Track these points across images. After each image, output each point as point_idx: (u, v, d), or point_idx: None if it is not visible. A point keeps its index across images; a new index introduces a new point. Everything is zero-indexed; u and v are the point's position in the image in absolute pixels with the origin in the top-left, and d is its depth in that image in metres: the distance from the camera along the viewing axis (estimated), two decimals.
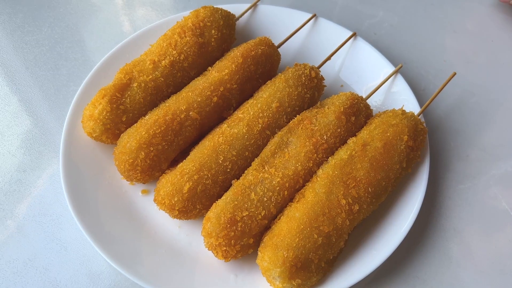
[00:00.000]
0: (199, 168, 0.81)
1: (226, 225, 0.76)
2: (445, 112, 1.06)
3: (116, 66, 1.01)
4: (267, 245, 0.75)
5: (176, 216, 0.82)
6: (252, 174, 0.81)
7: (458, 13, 1.27)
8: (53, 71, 1.10)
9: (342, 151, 0.83)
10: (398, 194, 0.87)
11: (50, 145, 0.99)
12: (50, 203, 0.91)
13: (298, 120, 0.87)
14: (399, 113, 0.87)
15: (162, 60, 0.93)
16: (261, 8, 1.13)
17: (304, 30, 1.10)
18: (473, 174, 0.96)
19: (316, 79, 0.95)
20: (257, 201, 0.78)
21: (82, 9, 1.23)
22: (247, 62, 0.94)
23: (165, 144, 0.85)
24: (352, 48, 1.07)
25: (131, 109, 0.89)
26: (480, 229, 0.90)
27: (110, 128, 0.87)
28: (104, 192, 0.88)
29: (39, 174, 0.95)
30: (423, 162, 0.89)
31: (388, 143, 0.83)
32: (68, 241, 0.87)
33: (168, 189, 0.80)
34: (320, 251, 0.75)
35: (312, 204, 0.77)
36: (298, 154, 0.83)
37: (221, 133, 0.86)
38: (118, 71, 0.93)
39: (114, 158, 0.86)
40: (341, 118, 0.86)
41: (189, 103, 0.88)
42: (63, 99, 1.05)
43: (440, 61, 1.16)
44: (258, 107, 0.89)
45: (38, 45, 1.15)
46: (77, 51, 1.14)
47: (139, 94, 0.90)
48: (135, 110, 0.90)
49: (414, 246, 0.87)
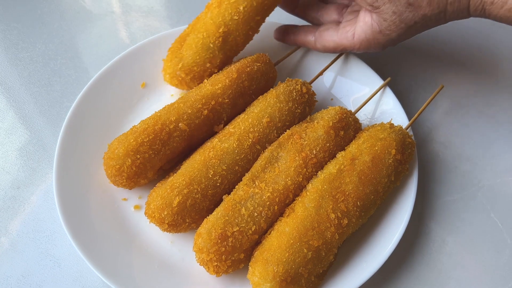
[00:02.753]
0: (189, 182, 0.82)
1: (217, 241, 0.77)
2: (434, 124, 1.07)
3: (109, 82, 1.03)
4: (258, 260, 0.76)
5: (166, 229, 0.83)
6: (242, 189, 0.82)
7: (446, 25, 1.28)
8: (47, 88, 1.12)
9: (331, 165, 0.84)
10: (387, 207, 0.88)
11: (44, 162, 1.00)
12: (44, 219, 0.92)
13: (288, 135, 0.89)
14: (387, 127, 0.89)
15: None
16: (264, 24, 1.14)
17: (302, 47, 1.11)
18: (462, 186, 0.98)
19: (307, 95, 0.96)
20: (248, 216, 0.79)
21: (76, 25, 1.25)
22: (242, 77, 0.96)
23: (152, 153, 0.86)
24: (343, 63, 1.09)
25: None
26: (468, 240, 0.91)
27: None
28: (97, 208, 0.89)
29: (33, 191, 0.96)
30: (412, 175, 0.90)
31: (376, 157, 0.84)
32: (61, 258, 0.88)
33: (158, 203, 0.81)
34: (310, 265, 0.76)
35: (301, 219, 0.78)
36: (288, 169, 0.84)
37: (212, 148, 0.87)
38: None
39: (103, 163, 0.88)
40: (330, 132, 0.88)
41: (180, 114, 0.90)
42: (57, 115, 1.07)
43: (428, 73, 1.17)
44: (249, 122, 0.90)
45: (32, 62, 1.17)
46: (71, 67, 1.15)
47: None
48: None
49: (403, 258, 0.88)
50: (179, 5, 1.32)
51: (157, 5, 1.31)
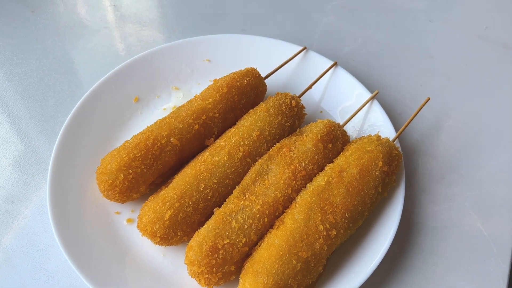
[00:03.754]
0: (180, 196, 0.84)
1: (208, 253, 0.78)
2: (421, 135, 1.10)
3: (103, 97, 1.05)
4: (248, 272, 0.78)
5: (158, 242, 0.84)
6: (233, 202, 0.84)
7: (433, 39, 1.32)
8: (41, 102, 1.13)
9: (320, 177, 0.86)
10: (375, 218, 0.90)
11: (38, 176, 1.01)
12: (38, 233, 0.93)
13: (277, 148, 0.91)
14: (374, 139, 0.91)
15: None
16: (251, 39, 1.17)
17: (292, 61, 1.13)
18: (449, 196, 1.00)
19: (297, 108, 0.99)
20: (238, 229, 0.81)
21: (70, 41, 1.27)
22: (232, 92, 0.98)
23: (144, 168, 0.88)
24: (332, 76, 1.11)
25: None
26: (456, 250, 0.93)
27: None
28: (90, 222, 0.90)
29: (27, 205, 0.97)
30: (399, 186, 0.92)
31: (364, 169, 0.86)
32: (55, 271, 0.89)
33: (150, 217, 0.83)
34: (299, 277, 0.77)
35: (291, 231, 0.80)
36: (278, 182, 0.86)
37: (203, 161, 0.89)
38: None
39: (96, 177, 0.89)
40: (319, 145, 0.90)
41: (171, 129, 0.91)
42: (52, 130, 1.08)
43: (416, 85, 1.20)
44: (239, 135, 0.92)
45: (26, 77, 1.18)
46: (65, 83, 1.17)
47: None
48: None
49: (391, 268, 0.90)
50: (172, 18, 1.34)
51: (152, 19, 1.33)
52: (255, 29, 1.31)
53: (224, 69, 1.11)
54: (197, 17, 1.10)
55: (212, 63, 1.16)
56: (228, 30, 1.31)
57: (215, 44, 1.17)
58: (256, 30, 1.30)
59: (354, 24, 1.34)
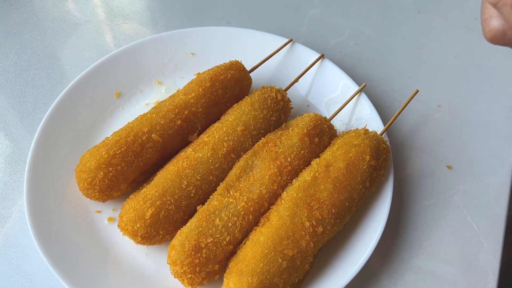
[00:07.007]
0: (162, 194, 0.81)
1: (191, 253, 0.75)
2: (410, 128, 1.08)
3: (83, 93, 1.01)
4: (232, 271, 0.75)
5: (140, 242, 0.81)
6: (217, 199, 0.81)
7: (422, 31, 1.30)
8: (19, 99, 1.09)
9: (306, 172, 0.84)
10: (363, 213, 0.88)
11: (16, 175, 0.98)
12: (15, 234, 0.90)
13: (262, 143, 0.88)
14: (361, 133, 0.89)
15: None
16: (236, 31, 1.14)
17: (278, 54, 1.10)
18: (438, 190, 0.98)
19: (283, 102, 0.96)
20: (222, 227, 0.78)
21: (49, 35, 1.23)
22: (215, 86, 0.95)
23: (125, 165, 0.85)
24: (318, 69, 1.09)
25: None
26: (445, 244, 0.91)
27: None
28: (70, 222, 0.87)
29: (4, 204, 0.93)
30: (387, 180, 0.90)
31: (351, 164, 0.84)
32: (33, 273, 0.86)
33: (131, 215, 0.80)
34: (285, 275, 0.75)
35: (276, 228, 0.77)
36: (263, 177, 0.83)
37: (185, 157, 0.86)
38: None
39: (75, 176, 0.86)
40: (305, 139, 0.87)
41: (152, 125, 0.89)
42: (30, 127, 1.04)
43: (405, 78, 1.18)
44: (223, 130, 0.89)
45: (4, 73, 1.14)
46: (43, 78, 1.13)
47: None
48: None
49: (381, 263, 0.88)
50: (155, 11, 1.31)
51: (134, 11, 1.30)
52: (241, 21, 1.28)
53: (209, 62, 1.08)
54: (181, 9, 1.07)
55: (196, 57, 1.13)
56: (213, 22, 1.27)
57: (199, 37, 1.13)
58: (242, 22, 1.27)
59: (341, 16, 1.32)
